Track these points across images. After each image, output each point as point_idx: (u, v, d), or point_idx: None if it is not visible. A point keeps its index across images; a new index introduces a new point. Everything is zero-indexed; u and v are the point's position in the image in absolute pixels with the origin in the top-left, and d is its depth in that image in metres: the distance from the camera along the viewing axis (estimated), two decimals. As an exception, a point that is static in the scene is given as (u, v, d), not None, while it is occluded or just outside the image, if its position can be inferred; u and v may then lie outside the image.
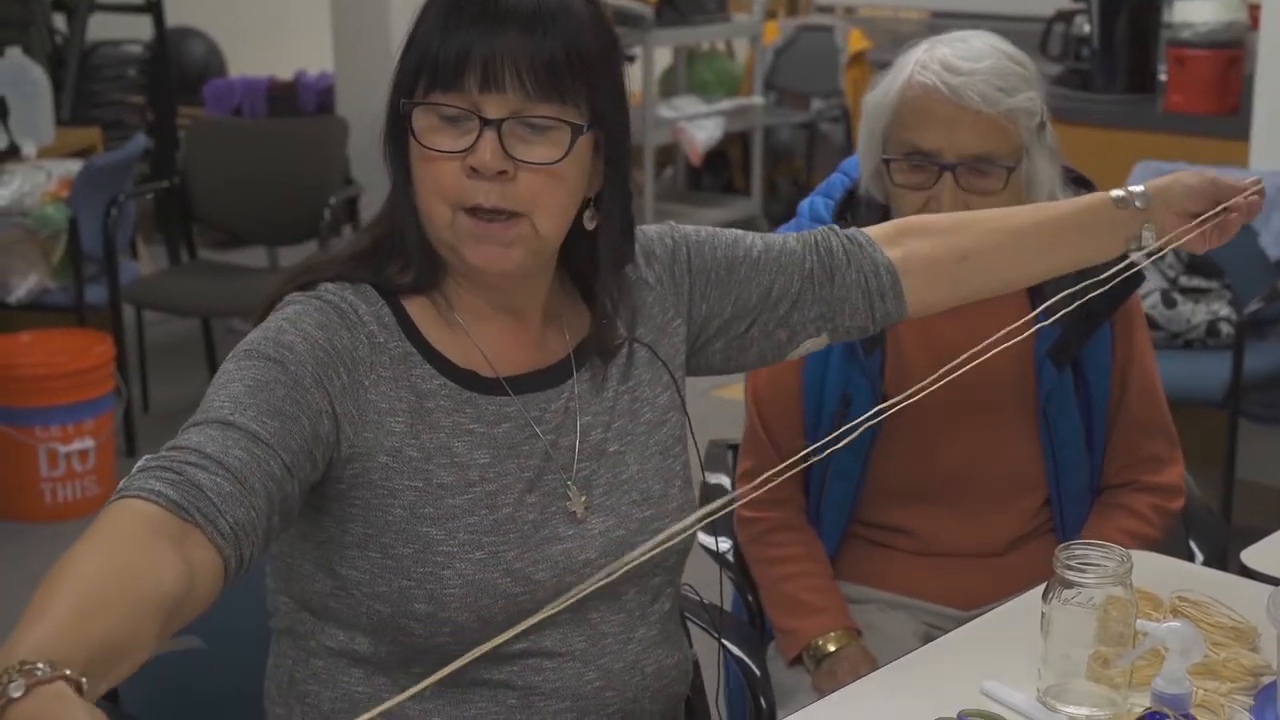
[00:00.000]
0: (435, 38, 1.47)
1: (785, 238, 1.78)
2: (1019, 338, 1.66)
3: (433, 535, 1.49)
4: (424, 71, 1.48)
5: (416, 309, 1.56)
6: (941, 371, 1.57)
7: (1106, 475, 2.20)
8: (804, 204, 2.21)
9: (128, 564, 1.24)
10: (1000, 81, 2.01)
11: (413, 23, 1.52)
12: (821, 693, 2.05)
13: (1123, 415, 2.17)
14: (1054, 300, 1.73)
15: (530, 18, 1.46)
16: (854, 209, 2.15)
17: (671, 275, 1.70)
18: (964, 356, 1.60)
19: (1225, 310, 3.76)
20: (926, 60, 2.03)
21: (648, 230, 1.72)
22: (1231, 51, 4.27)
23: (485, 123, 1.46)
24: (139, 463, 1.36)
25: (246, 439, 1.37)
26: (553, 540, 1.55)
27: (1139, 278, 2.13)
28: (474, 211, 1.48)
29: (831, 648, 2.08)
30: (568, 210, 1.53)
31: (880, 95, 2.07)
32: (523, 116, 1.46)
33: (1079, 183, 2.18)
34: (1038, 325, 2.09)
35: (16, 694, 1.07)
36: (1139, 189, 1.77)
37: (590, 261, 1.61)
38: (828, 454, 2.15)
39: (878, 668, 2.07)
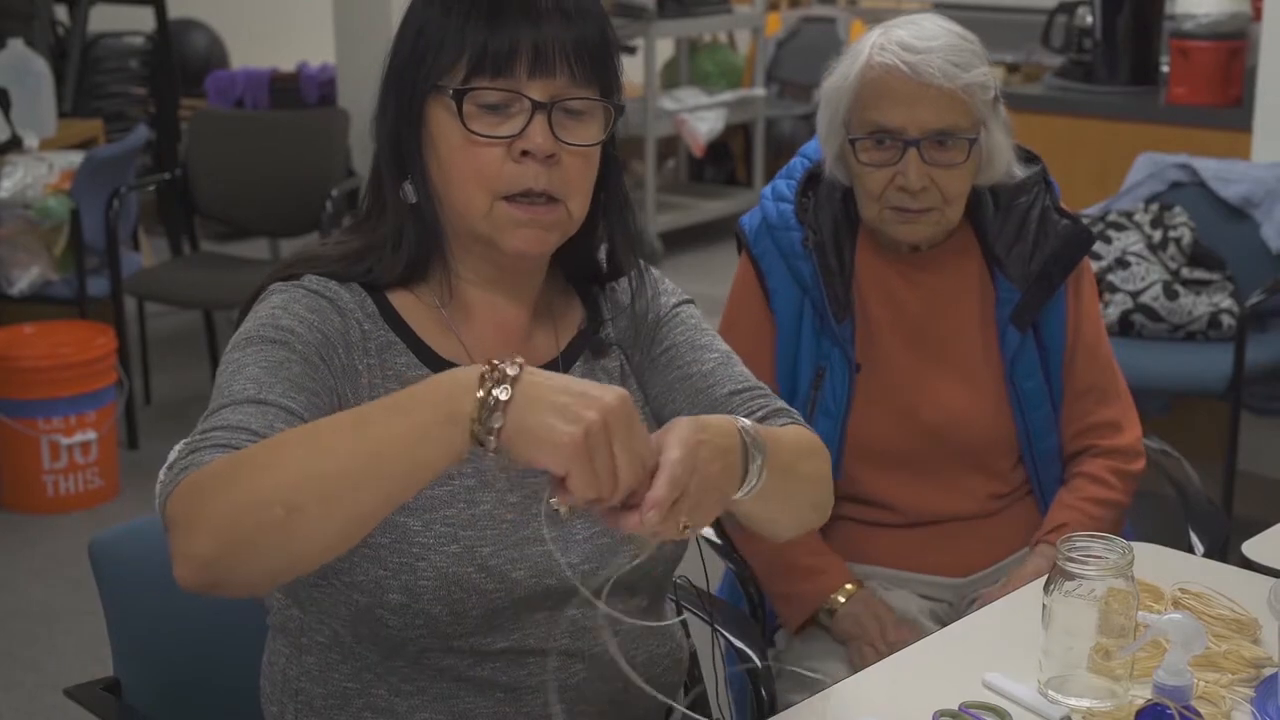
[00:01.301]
0: (475, 27, 1.47)
1: (755, 399, 1.66)
2: None
3: (410, 525, 1.49)
4: (467, 60, 1.47)
5: (402, 302, 1.57)
6: None
7: (1065, 443, 2.24)
8: (767, 189, 2.27)
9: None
10: (956, 58, 2.07)
11: (417, 14, 1.52)
12: (841, 639, 2.13)
13: (1070, 379, 2.22)
14: None
15: (566, 7, 1.49)
16: (815, 189, 2.22)
17: (655, 328, 1.70)
18: None
19: (1227, 302, 3.76)
20: (883, 42, 2.10)
21: (666, 282, 1.73)
22: (1234, 43, 4.27)
23: (537, 106, 1.47)
24: (178, 448, 1.35)
25: (284, 414, 1.38)
26: (533, 541, 1.53)
27: (1089, 241, 2.18)
28: (514, 198, 1.49)
29: (842, 599, 2.13)
30: (591, 192, 1.55)
31: (839, 79, 2.14)
32: (567, 99, 1.48)
33: (1029, 159, 2.23)
34: (997, 292, 2.14)
35: (504, 396, 1.19)
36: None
37: (589, 249, 1.63)
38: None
39: (889, 607, 2.11)
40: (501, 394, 1.21)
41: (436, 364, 1.55)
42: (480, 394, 1.21)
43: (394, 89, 1.53)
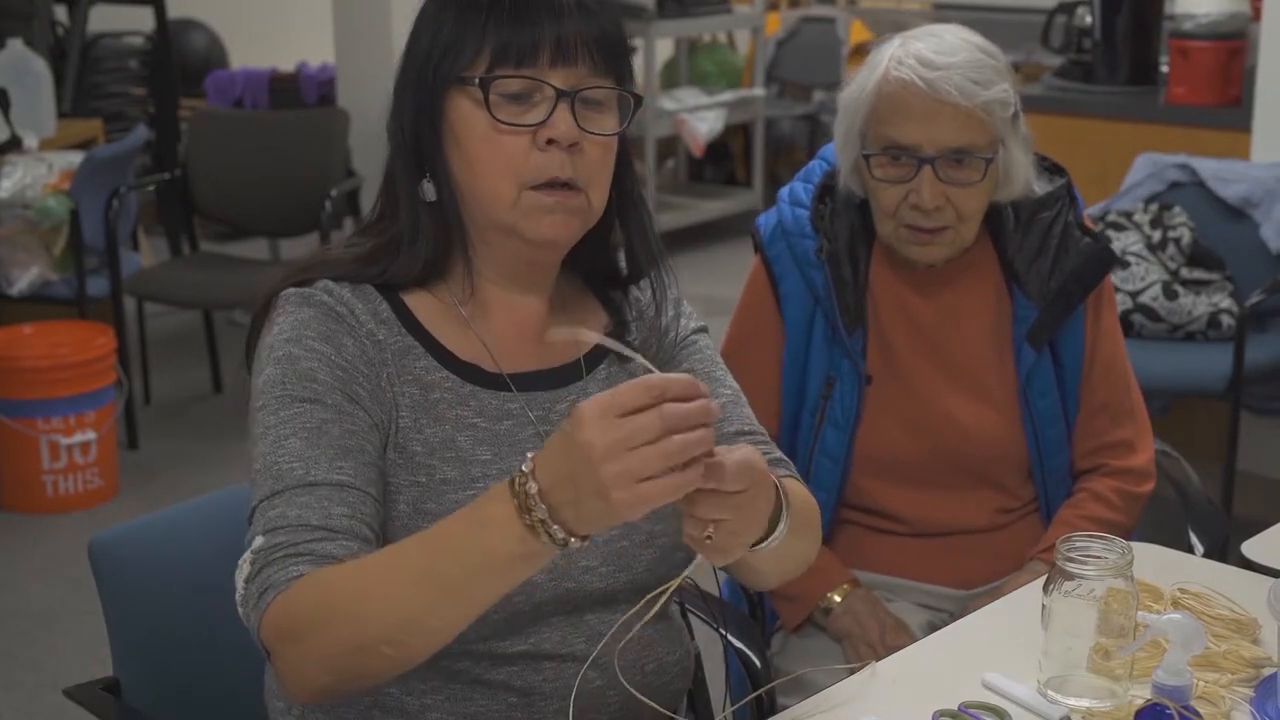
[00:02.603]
0: (496, 24, 1.48)
1: (758, 444, 1.67)
2: None
3: None
4: (489, 53, 1.48)
5: (418, 303, 1.56)
6: None
7: (1076, 460, 2.22)
8: (784, 190, 2.25)
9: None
10: (975, 75, 2.03)
11: (430, 18, 1.52)
12: (837, 637, 2.13)
13: (1086, 397, 2.20)
14: None
15: (587, 2, 1.51)
16: (833, 195, 2.19)
17: (673, 349, 1.70)
18: None
19: (1226, 302, 3.76)
20: (901, 56, 2.05)
21: (686, 304, 1.73)
22: (1233, 43, 4.27)
23: (560, 94, 1.48)
24: (248, 560, 1.39)
25: (336, 492, 1.41)
26: None
27: (1111, 261, 2.16)
28: (539, 187, 1.50)
29: (838, 598, 2.13)
30: (609, 185, 1.56)
31: (856, 91, 2.10)
32: (587, 89, 1.50)
33: (1053, 170, 2.20)
34: (1015, 309, 2.13)
35: (542, 515, 1.23)
36: None
37: (605, 248, 1.63)
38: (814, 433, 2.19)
39: (888, 610, 2.12)
40: (540, 513, 1.24)
41: (455, 365, 1.55)
42: (528, 523, 1.24)
43: (411, 88, 1.53)
